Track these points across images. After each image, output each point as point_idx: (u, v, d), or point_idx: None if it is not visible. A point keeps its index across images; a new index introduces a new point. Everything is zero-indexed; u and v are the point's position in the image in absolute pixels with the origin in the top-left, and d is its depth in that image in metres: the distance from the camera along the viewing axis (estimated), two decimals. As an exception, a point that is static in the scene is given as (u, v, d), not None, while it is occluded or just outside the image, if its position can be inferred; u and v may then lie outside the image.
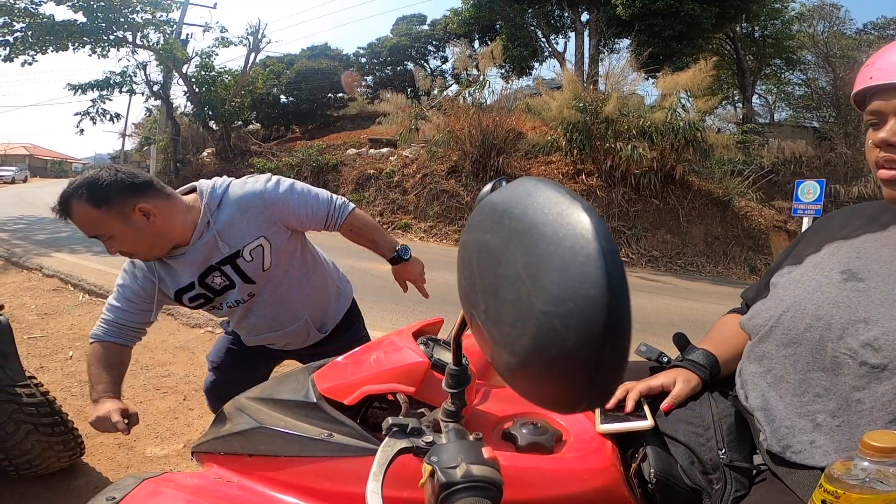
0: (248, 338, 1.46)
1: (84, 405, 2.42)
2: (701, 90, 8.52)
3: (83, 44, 12.66)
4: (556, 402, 0.39)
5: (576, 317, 0.33)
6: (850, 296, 0.70)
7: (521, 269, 0.37)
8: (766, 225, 9.31)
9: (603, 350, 0.33)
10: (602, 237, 0.33)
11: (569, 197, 0.36)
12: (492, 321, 0.41)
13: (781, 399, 0.74)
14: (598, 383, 0.35)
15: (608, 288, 0.32)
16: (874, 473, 0.53)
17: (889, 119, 0.69)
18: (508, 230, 0.39)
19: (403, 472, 0.55)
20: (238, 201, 1.23)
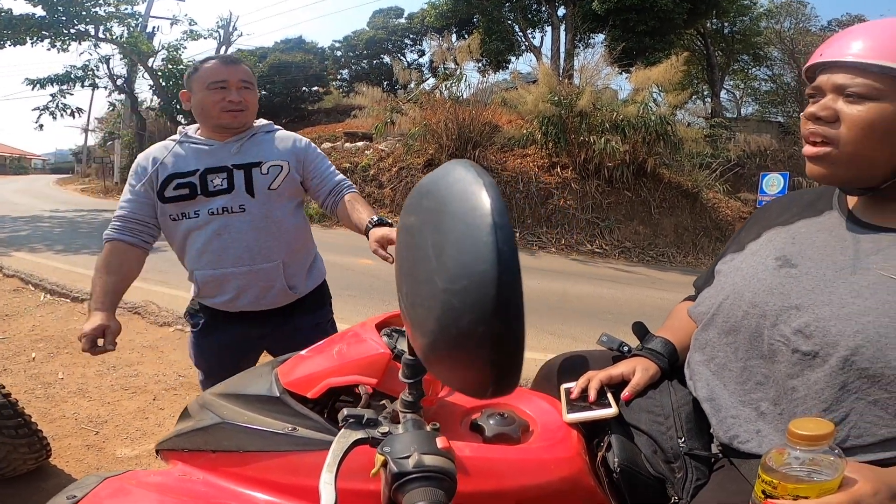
0: (208, 271, 1.35)
1: (50, 407, 2.35)
2: (672, 85, 8.68)
3: (42, 38, 12.15)
4: (465, 385, 0.38)
5: (470, 293, 0.32)
6: (783, 282, 0.71)
7: (430, 248, 0.36)
8: (733, 216, 9.58)
9: (496, 326, 0.32)
10: (496, 212, 0.33)
11: (474, 174, 0.36)
12: (410, 303, 0.41)
13: (725, 388, 0.74)
14: (499, 364, 0.34)
15: (498, 263, 0.32)
16: (808, 463, 0.53)
17: (826, 95, 0.69)
18: (425, 210, 0.39)
19: (363, 465, 0.55)
20: (284, 133, 1.49)
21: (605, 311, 4.55)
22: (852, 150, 0.66)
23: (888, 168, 0.66)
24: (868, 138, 0.65)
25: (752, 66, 17.77)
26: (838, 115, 0.67)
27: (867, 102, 0.65)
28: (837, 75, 0.67)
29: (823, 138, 0.69)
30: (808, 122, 0.71)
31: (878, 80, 0.64)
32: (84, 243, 6.55)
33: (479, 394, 0.37)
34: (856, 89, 0.65)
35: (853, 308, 0.64)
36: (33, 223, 8.64)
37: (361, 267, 5.69)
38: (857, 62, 0.65)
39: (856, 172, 0.68)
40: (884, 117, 0.64)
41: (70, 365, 2.84)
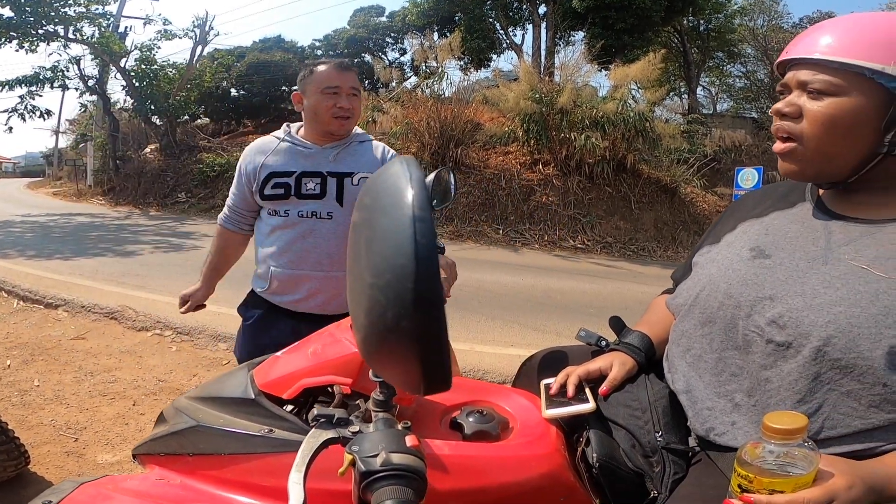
0: (287, 270, 1.42)
1: (27, 415, 2.29)
2: (650, 82, 8.79)
3: (10, 39, 11.76)
4: (400, 380, 0.38)
5: (392, 287, 0.32)
6: (757, 273, 0.71)
7: (363, 244, 0.36)
8: (710, 210, 9.75)
9: (417, 320, 0.32)
10: (416, 205, 0.32)
11: (405, 169, 0.36)
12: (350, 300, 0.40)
13: (701, 379, 0.74)
14: (426, 359, 0.34)
15: (415, 257, 0.31)
16: (782, 456, 0.53)
17: (792, 91, 0.71)
18: (364, 207, 0.39)
19: (336, 464, 0.54)
20: (375, 143, 1.52)
21: (589, 305, 4.60)
22: (815, 145, 0.68)
23: (853, 162, 0.67)
24: (829, 133, 0.66)
25: (727, 63, 18.10)
26: (802, 111, 0.68)
27: (827, 98, 0.66)
28: (801, 72, 0.69)
29: (789, 134, 0.70)
30: (776, 118, 0.73)
31: (837, 76, 0.65)
32: (57, 248, 6.38)
33: (414, 389, 0.37)
34: (817, 85, 0.66)
35: (825, 298, 0.64)
36: (4, 228, 8.38)
37: (345, 267, 5.66)
38: (818, 59, 0.66)
39: (821, 167, 0.69)
40: (844, 112, 0.65)
41: (46, 372, 2.77)
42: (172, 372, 2.85)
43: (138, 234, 7.90)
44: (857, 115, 0.65)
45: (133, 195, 13.20)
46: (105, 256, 5.93)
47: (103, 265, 5.39)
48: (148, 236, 7.71)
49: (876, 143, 0.66)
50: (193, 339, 3.28)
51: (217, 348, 3.19)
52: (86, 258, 5.75)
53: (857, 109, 0.64)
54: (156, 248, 6.60)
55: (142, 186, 13.23)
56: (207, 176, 12.09)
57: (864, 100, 0.64)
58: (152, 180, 13.14)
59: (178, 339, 3.31)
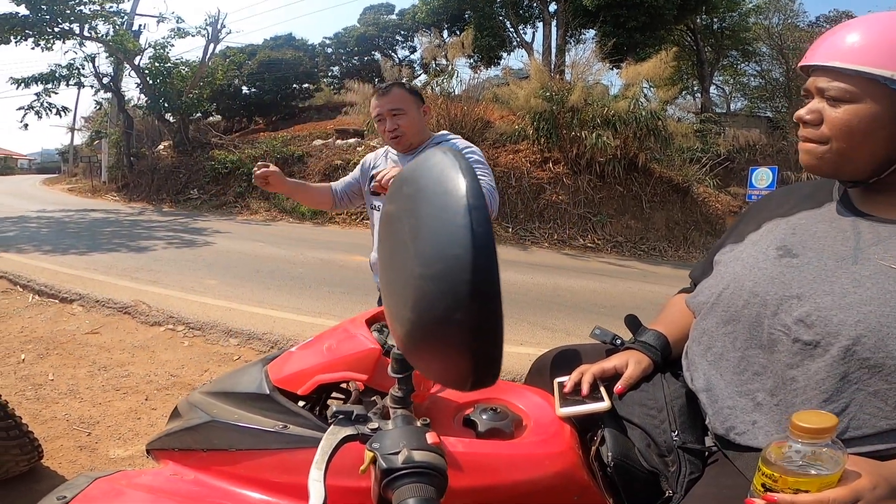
0: None
1: (41, 409, 2.32)
2: (662, 80, 8.71)
3: (26, 37, 11.95)
4: (446, 376, 0.37)
5: (445, 278, 0.31)
6: (784, 272, 0.71)
7: (407, 233, 0.35)
8: (723, 210, 9.65)
9: (472, 313, 0.31)
10: (471, 194, 0.31)
11: (451, 158, 0.35)
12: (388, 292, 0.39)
13: (722, 378, 0.74)
14: (478, 353, 0.33)
15: (472, 247, 0.30)
16: (809, 456, 0.53)
17: (814, 97, 0.71)
18: (404, 197, 0.38)
19: (354, 461, 0.54)
20: (455, 143, 1.66)
21: (598, 305, 4.57)
22: (836, 148, 0.69)
23: (872, 165, 0.68)
24: (848, 139, 0.68)
25: (741, 62, 17.88)
26: (822, 117, 0.70)
27: (844, 105, 0.67)
28: (820, 79, 0.70)
29: (811, 140, 0.72)
30: (800, 124, 0.74)
31: (853, 84, 0.66)
32: (72, 243, 6.47)
33: (460, 385, 0.36)
34: (833, 93, 0.68)
35: (854, 298, 0.64)
36: (20, 224, 8.52)
37: (354, 264, 5.68)
38: (833, 66, 0.67)
39: (840, 167, 0.71)
40: (860, 118, 0.66)
41: (60, 366, 2.81)
42: (184, 367, 2.87)
43: (152, 230, 7.99)
44: (873, 121, 0.66)
45: (147, 191, 13.36)
46: (119, 252, 6.00)
47: (117, 260, 5.46)
48: (161, 232, 7.80)
49: (894, 148, 0.67)
50: (205, 334, 3.31)
51: (228, 343, 3.21)
52: (100, 253, 5.82)
53: (872, 115, 0.66)
54: (169, 244, 6.67)
55: (155, 183, 13.39)
56: (219, 173, 12.19)
57: (880, 106, 0.65)
58: (165, 177, 13.28)
59: (189, 334, 3.34)
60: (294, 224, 9.65)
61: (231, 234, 7.93)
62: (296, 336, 3.22)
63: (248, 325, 3.38)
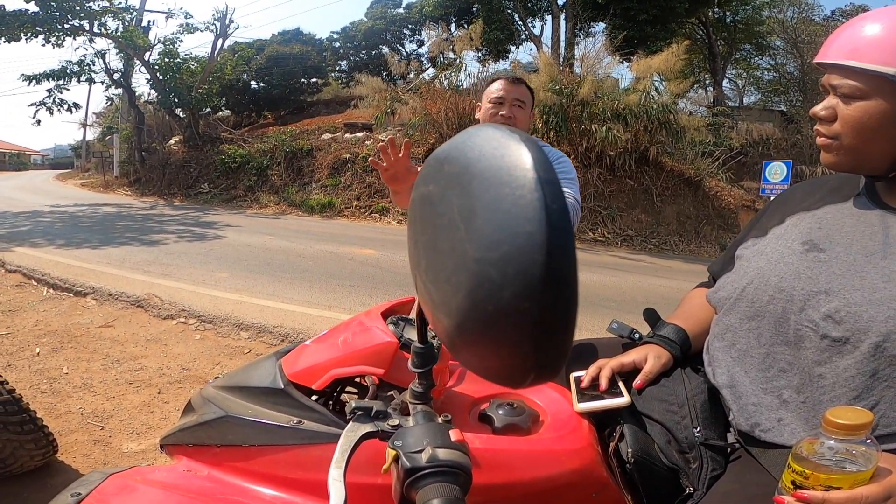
0: None
1: (55, 403, 2.35)
2: (673, 74, 8.61)
3: (36, 33, 12.07)
4: (500, 372, 0.33)
5: (512, 261, 0.28)
6: (811, 266, 0.70)
7: (457, 214, 0.32)
8: (736, 204, 9.54)
9: (544, 300, 0.28)
10: (540, 166, 0.28)
11: (506, 132, 0.32)
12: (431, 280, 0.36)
13: (747, 374, 0.73)
14: (544, 345, 0.30)
15: (547, 224, 0.27)
16: (842, 453, 0.52)
17: (828, 93, 0.71)
18: (447, 176, 0.34)
19: (374, 457, 0.53)
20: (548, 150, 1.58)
21: (609, 299, 4.54)
22: (849, 143, 0.70)
23: (888, 160, 0.69)
24: (861, 135, 0.68)
25: (755, 56, 17.63)
26: (836, 114, 0.70)
27: (855, 102, 0.68)
28: (833, 76, 0.70)
29: (826, 136, 0.72)
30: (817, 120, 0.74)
31: (862, 81, 0.67)
32: (85, 237, 6.55)
33: (517, 381, 0.33)
34: (845, 90, 0.68)
35: (885, 293, 0.63)
36: (34, 218, 8.63)
37: (363, 257, 5.69)
38: (842, 64, 0.68)
39: (857, 162, 0.71)
40: (871, 116, 0.67)
41: (74, 360, 2.84)
42: (196, 360, 2.89)
43: (163, 224, 8.06)
44: (883, 118, 0.66)
45: (158, 186, 13.48)
46: (131, 245, 6.06)
47: (130, 254, 5.51)
48: (172, 226, 7.86)
49: None
50: (216, 327, 3.33)
51: (239, 336, 3.23)
52: (113, 247, 5.88)
53: (883, 112, 0.66)
54: (180, 238, 6.72)
55: (166, 177, 13.51)
56: (229, 167, 12.27)
57: (889, 103, 0.66)
58: (176, 171, 13.39)
59: (201, 327, 3.37)
60: (303, 218, 9.69)
61: (241, 227, 7.97)
62: (306, 329, 3.23)
63: (259, 318, 3.40)
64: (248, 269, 4.90)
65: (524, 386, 0.33)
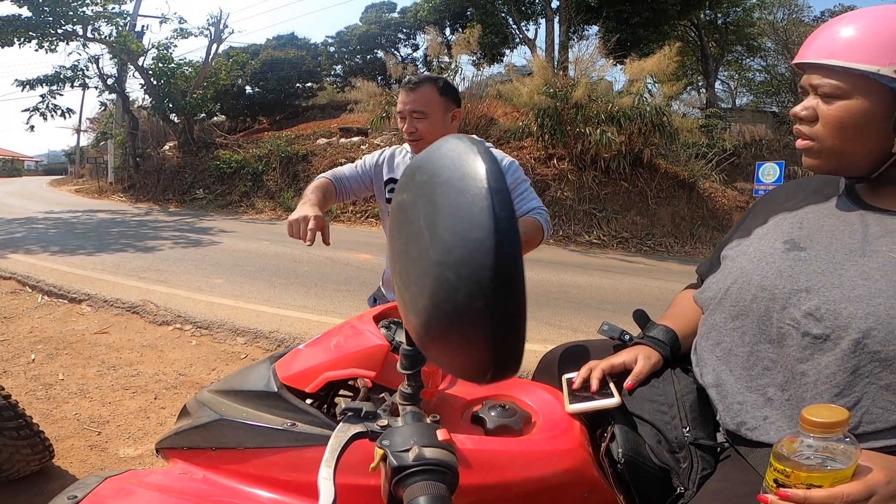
0: None
1: (51, 408, 2.34)
2: (666, 76, 8.66)
3: (29, 38, 12.02)
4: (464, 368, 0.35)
5: (465, 264, 0.30)
6: (792, 265, 0.71)
7: (423, 221, 0.34)
8: (730, 205, 9.59)
9: (495, 300, 0.30)
10: (492, 176, 0.30)
11: (467, 143, 0.34)
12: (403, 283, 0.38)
13: (732, 373, 0.74)
14: (500, 343, 0.32)
15: (495, 231, 0.29)
16: (822, 451, 0.52)
17: (808, 94, 0.72)
18: (418, 185, 0.37)
19: (363, 459, 0.54)
20: None
21: (604, 301, 4.56)
22: (830, 144, 0.70)
23: (869, 159, 0.69)
24: (842, 134, 0.68)
25: (747, 57, 17.77)
26: (817, 114, 0.70)
27: (836, 101, 0.68)
28: (812, 76, 0.70)
29: (807, 136, 0.72)
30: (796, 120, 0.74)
31: (842, 80, 0.67)
32: (80, 244, 6.52)
33: (478, 378, 0.34)
34: (826, 90, 0.68)
35: (864, 290, 0.64)
36: (28, 225, 8.59)
37: (358, 262, 5.69)
38: (823, 63, 0.68)
39: (838, 163, 0.71)
40: (852, 115, 0.67)
41: (70, 366, 2.83)
42: (192, 366, 2.89)
43: (158, 230, 8.04)
44: (864, 117, 0.66)
45: (153, 192, 13.43)
46: (126, 252, 6.04)
47: (125, 260, 5.49)
48: (168, 232, 7.84)
49: (889, 142, 0.67)
50: (212, 333, 3.32)
51: (235, 342, 3.22)
52: (108, 254, 5.86)
53: (864, 111, 0.66)
54: (175, 244, 6.70)
55: (161, 183, 13.46)
56: (224, 172, 12.24)
57: (870, 102, 0.66)
58: (171, 177, 13.35)
59: (197, 333, 3.36)
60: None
61: (237, 233, 7.96)
62: (302, 334, 3.23)
63: (255, 324, 3.40)
64: (243, 274, 4.89)
65: (485, 382, 0.35)
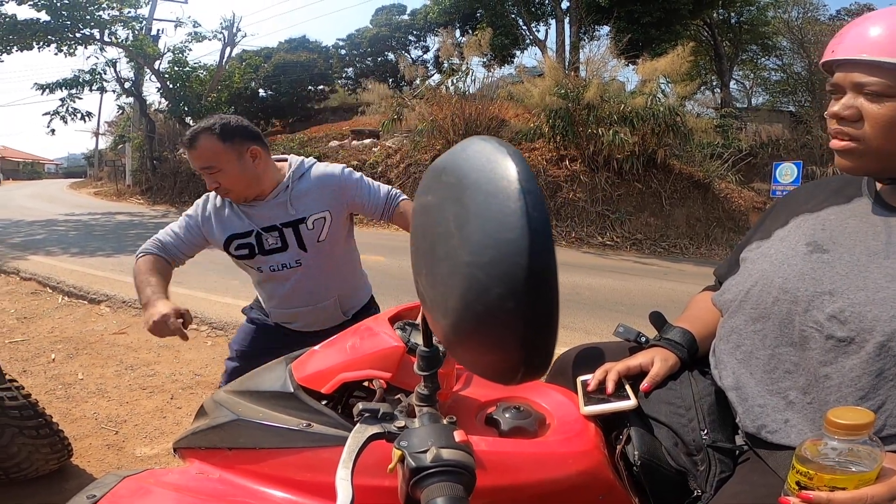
0: (277, 310, 1.51)
1: (70, 408, 2.39)
2: (680, 76, 8.56)
3: (48, 42, 12.30)
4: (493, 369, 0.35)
5: (497, 265, 0.30)
6: (815, 267, 0.70)
7: (451, 222, 0.34)
8: (746, 206, 9.46)
9: (528, 300, 0.30)
10: (523, 177, 0.31)
11: (496, 145, 0.34)
12: (430, 284, 0.38)
13: (752, 376, 0.73)
14: (531, 343, 0.32)
15: (528, 230, 0.29)
16: (846, 453, 0.52)
17: (846, 93, 0.69)
18: (444, 186, 0.37)
19: (381, 459, 0.54)
20: (319, 177, 1.41)
21: (618, 303, 4.52)
22: (877, 145, 0.66)
23: None
24: (891, 134, 0.65)
25: (762, 56, 17.51)
26: (861, 114, 0.66)
27: (887, 101, 0.64)
28: (854, 73, 0.67)
29: (850, 137, 0.68)
30: (832, 120, 0.71)
31: (893, 78, 0.63)
32: (99, 246, 6.65)
33: (507, 378, 0.35)
34: (875, 88, 0.65)
35: (889, 292, 0.63)
36: (49, 227, 8.77)
37: (372, 263, 5.70)
38: (870, 60, 0.64)
39: (884, 164, 0.68)
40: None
41: (89, 366, 2.89)
42: (208, 366, 2.92)
43: (173, 233, 8.14)
44: None
45: (169, 194, 13.65)
46: (142, 254, 6.13)
47: (141, 262, 5.58)
48: (182, 235, 7.94)
49: None
50: (228, 333, 3.36)
51: (249, 344, 3.26)
52: (126, 255, 5.96)
53: None
54: (189, 246, 6.79)
55: (177, 185, 13.67)
56: (238, 175, 12.38)
57: None
58: (187, 179, 13.55)
59: (213, 334, 3.40)
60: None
61: (250, 235, 8.03)
62: (315, 336, 3.25)
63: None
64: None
65: (515, 382, 0.35)
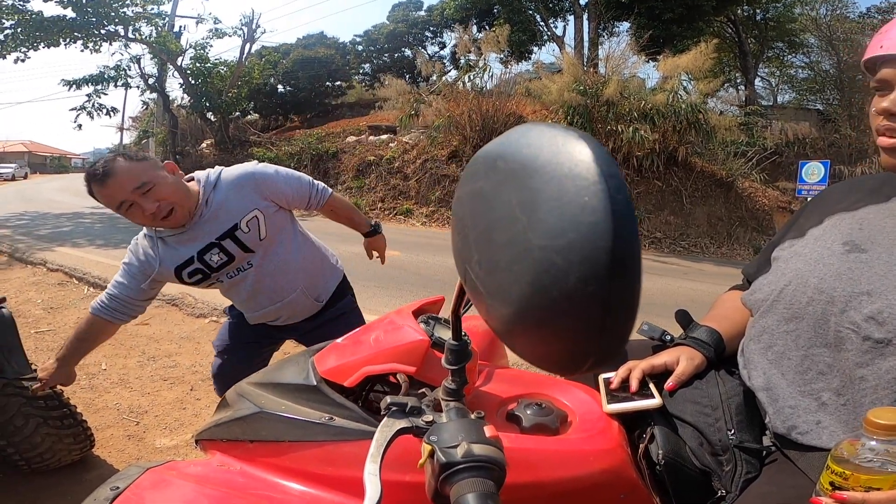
0: (252, 314, 1.53)
1: (94, 398, 2.44)
2: (702, 73, 8.41)
3: (74, 39, 12.59)
4: (558, 358, 0.35)
5: (577, 248, 0.29)
6: (852, 267, 0.68)
7: (516, 207, 0.34)
8: (770, 206, 9.25)
9: (611, 285, 0.29)
10: (602, 160, 0.30)
11: (562, 129, 0.34)
12: (486, 271, 0.38)
13: (784, 377, 0.72)
14: (608, 330, 0.31)
15: (612, 213, 0.29)
16: (883, 454, 0.52)
17: (891, 89, 0.67)
18: (502, 172, 0.36)
19: (405, 454, 0.53)
20: (232, 181, 1.38)
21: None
22: None
23: None
24: None
25: (788, 54, 17.07)
26: None
27: None
28: None
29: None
30: (880, 117, 0.69)
31: None
32: (123, 238, 6.79)
33: (574, 366, 0.34)
34: None
35: None
36: (75, 219, 9.00)
37: (388, 258, 5.72)
38: None
39: None
40: None
41: (112, 356, 2.95)
42: (226, 358, 2.96)
43: (193, 227, 8.28)
44: None
45: (189, 189, 13.87)
46: (163, 247, 6.25)
47: (162, 256, 5.68)
48: (202, 229, 8.07)
49: None
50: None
51: (266, 337, 3.30)
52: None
53: None
54: (209, 240, 6.90)
55: (197, 180, 13.89)
56: (257, 170, 12.55)
57: None
58: (208, 175, 13.78)
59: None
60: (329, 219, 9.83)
61: (268, 230, 8.12)
62: (331, 330, 3.27)
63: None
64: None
65: (581, 371, 0.34)
